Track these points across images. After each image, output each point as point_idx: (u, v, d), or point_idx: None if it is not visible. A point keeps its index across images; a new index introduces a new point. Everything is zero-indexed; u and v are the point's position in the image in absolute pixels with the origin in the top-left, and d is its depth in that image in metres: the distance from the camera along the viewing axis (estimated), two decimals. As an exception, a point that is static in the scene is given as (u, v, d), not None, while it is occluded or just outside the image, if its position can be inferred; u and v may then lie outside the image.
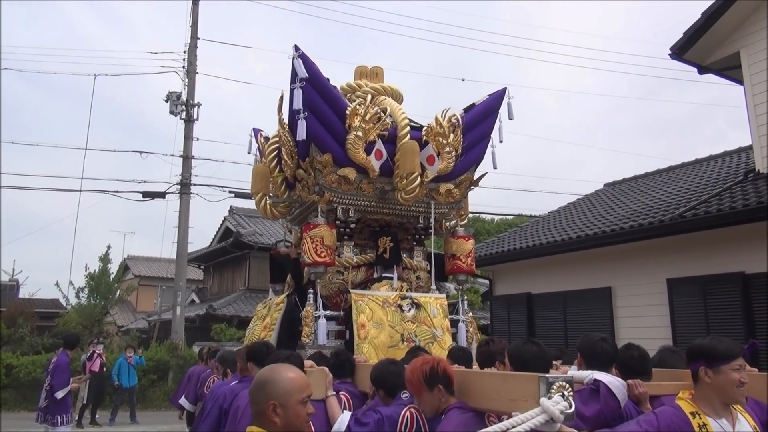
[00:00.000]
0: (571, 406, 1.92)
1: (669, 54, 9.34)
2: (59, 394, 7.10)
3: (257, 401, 1.84)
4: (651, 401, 2.53)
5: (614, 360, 2.66)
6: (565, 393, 1.94)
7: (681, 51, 9.19)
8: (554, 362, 4.48)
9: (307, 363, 3.12)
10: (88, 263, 25.17)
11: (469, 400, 2.52)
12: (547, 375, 2.01)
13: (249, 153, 6.39)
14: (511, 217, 26.42)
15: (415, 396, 2.67)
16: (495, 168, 5.58)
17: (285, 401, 1.80)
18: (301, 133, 4.72)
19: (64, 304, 22.02)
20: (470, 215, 6.30)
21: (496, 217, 29.55)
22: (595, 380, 2.29)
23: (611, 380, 2.29)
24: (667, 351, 3.22)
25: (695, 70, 9.57)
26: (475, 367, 3.60)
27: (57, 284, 22.95)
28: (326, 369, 3.01)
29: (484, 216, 28.76)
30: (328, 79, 4.99)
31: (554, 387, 1.96)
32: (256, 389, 1.86)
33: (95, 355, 12.54)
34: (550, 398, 1.93)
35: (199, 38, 18.35)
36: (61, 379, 7.23)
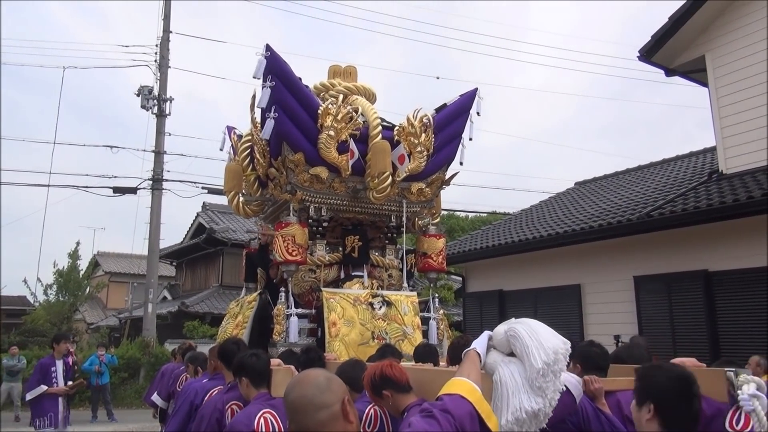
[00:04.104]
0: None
1: (638, 56, 9.56)
2: (27, 397, 6.88)
3: (327, 403, 1.51)
4: (606, 396, 2.62)
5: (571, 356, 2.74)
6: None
7: (649, 53, 9.41)
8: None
9: (274, 362, 3.15)
10: (57, 260, 24.71)
11: (427, 397, 2.57)
12: None
13: (221, 150, 6.39)
14: (484, 214, 26.68)
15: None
16: (461, 164, 5.67)
17: (349, 395, 1.59)
18: (266, 132, 4.74)
19: (32, 301, 21.63)
20: (444, 212, 6.40)
21: (470, 215, 29.81)
22: None
23: (566, 377, 2.37)
24: (623, 346, 3.33)
25: (663, 72, 9.81)
26: (443, 363, 3.67)
27: (25, 281, 22.62)
28: (292, 367, 3.05)
29: (458, 213, 29.00)
30: (300, 78, 5.01)
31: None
32: (321, 392, 1.52)
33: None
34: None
35: (171, 32, 18.13)
36: (30, 380, 6.98)
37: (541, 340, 2.00)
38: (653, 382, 2.09)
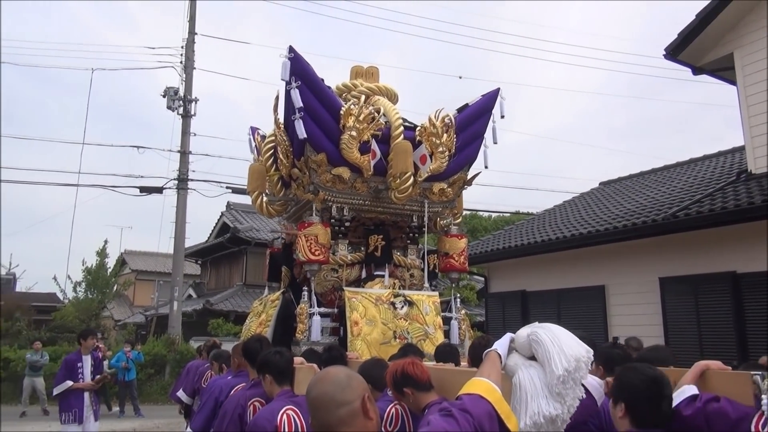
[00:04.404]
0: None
1: (663, 55, 9.41)
2: (54, 392, 6.93)
3: (347, 401, 1.54)
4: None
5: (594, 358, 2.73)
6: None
7: (675, 51, 9.26)
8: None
9: (297, 360, 3.20)
10: (86, 257, 25.18)
11: (448, 396, 2.59)
12: None
13: (251, 153, 6.46)
14: (507, 214, 26.52)
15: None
16: (486, 167, 5.69)
17: (369, 393, 1.61)
18: (301, 132, 4.78)
19: (61, 298, 22.07)
20: (467, 212, 6.41)
21: (493, 215, 29.65)
22: None
23: (587, 379, 2.37)
24: (650, 347, 3.30)
25: (690, 70, 9.65)
26: (464, 364, 3.67)
27: (54, 278, 23.04)
28: (315, 366, 3.09)
29: (480, 213, 28.87)
30: (322, 80, 5.06)
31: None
32: (341, 390, 1.55)
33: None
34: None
35: (196, 34, 18.37)
36: (57, 376, 7.00)
37: (563, 346, 2.01)
38: (626, 382, 2.17)
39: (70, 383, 6.81)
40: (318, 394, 1.58)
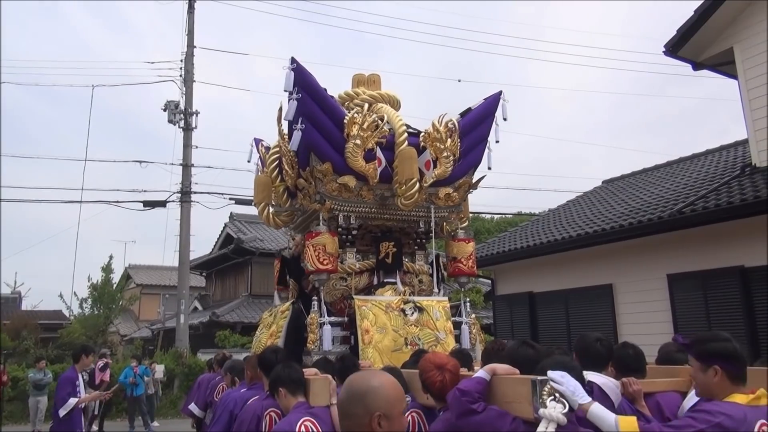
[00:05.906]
0: (565, 407, 2.00)
1: (663, 51, 9.42)
2: (61, 413, 6.43)
3: (356, 414, 1.59)
4: (645, 398, 2.60)
5: (609, 360, 2.73)
6: (557, 395, 2.01)
7: (675, 48, 9.27)
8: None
9: (311, 371, 3.19)
10: (91, 273, 25.16)
11: None
12: (538, 377, 2.08)
13: (249, 162, 6.47)
14: (510, 215, 26.53)
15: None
16: (489, 168, 5.69)
17: (390, 412, 1.58)
18: (294, 144, 4.81)
19: (68, 315, 22.08)
20: (470, 215, 6.39)
21: (496, 216, 29.67)
22: (588, 382, 2.36)
23: (604, 381, 2.37)
24: (672, 347, 3.29)
25: (690, 66, 9.65)
26: (477, 368, 3.66)
27: (60, 295, 23.05)
28: (329, 376, 3.09)
29: (483, 215, 28.88)
30: (325, 89, 5.07)
31: (545, 390, 2.03)
32: (353, 401, 1.61)
33: (107, 365, 12.52)
34: (542, 401, 2.00)
35: (195, 46, 18.47)
36: (59, 395, 6.54)
37: None
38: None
39: (75, 401, 6.47)
40: (340, 398, 1.71)
